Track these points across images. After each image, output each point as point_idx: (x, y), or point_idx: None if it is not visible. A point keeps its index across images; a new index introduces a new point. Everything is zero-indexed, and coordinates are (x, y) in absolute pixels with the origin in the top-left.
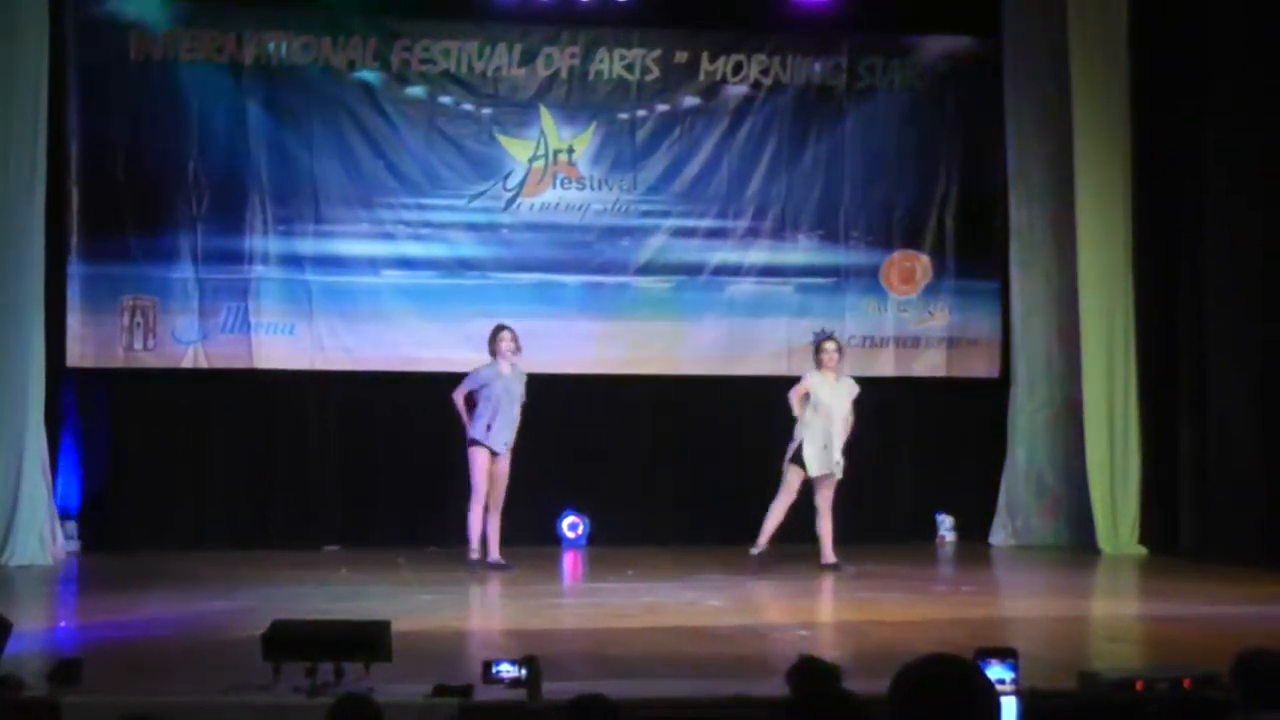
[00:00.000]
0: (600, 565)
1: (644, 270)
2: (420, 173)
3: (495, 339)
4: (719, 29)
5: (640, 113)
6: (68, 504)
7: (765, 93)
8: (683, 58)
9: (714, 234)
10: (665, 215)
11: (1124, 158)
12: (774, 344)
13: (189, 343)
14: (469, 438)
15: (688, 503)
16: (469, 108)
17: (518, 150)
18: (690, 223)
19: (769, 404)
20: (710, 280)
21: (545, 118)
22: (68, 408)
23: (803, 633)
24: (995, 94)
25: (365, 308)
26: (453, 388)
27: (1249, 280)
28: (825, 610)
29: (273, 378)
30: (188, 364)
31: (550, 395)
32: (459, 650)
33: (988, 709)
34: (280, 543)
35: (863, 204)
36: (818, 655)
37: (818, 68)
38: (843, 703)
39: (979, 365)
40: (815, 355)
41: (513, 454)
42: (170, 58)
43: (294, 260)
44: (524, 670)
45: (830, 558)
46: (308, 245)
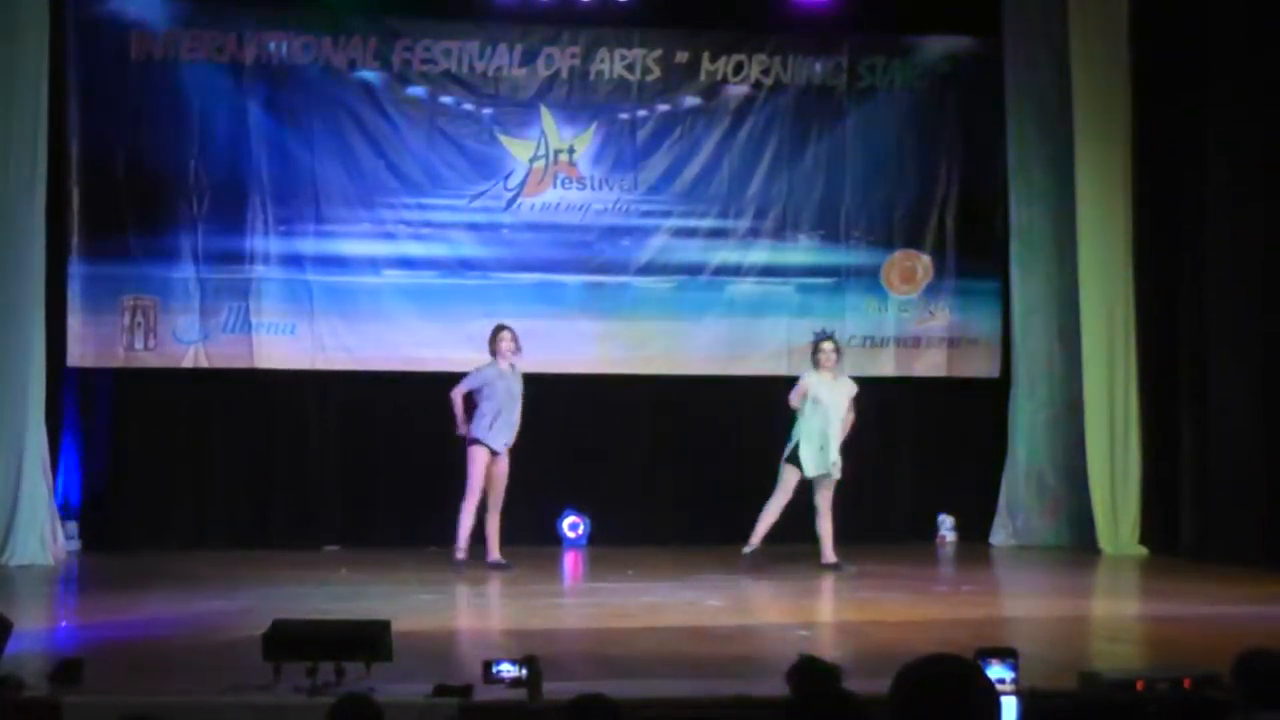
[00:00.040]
0: (600, 565)
1: (645, 270)
2: (421, 172)
3: (495, 339)
4: (720, 29)
5: (641, 113)
6: (68, 504)
7: (766, 93)
8: (683, 58)
9: (715, 234)
10: (666, 215)
11: (1125, 155)
12: (774, 344)
13: (190, 342)
14: (470, 436)
15: (688, 503)
16: (470, 108)
17: (518, 150)
18: (691, 223)
19: (769, 404)
20: (711, 280)
21: (546, 118)
22: (68, 408)
23: (803, 633)
24: (995, 94)
25: (366, 308)
26: (453, 387)
27: (1250, 274)
28: (825, 610)
29: (273, 378)
30: (188, 364)
31: (550, 395)
32: (459, 650)
33: (988, 709)
34: (280, 543)
35: (863, 204)
36: (818, 655)
37: (818, 68)
38: (843, 703)
39: (979, 365)
40: (813, 355)
41: (513, 454)
42: (170, 58)
43: (295, 260)
44: (524, 670)
45: (831, 557)
46: (308, 245)
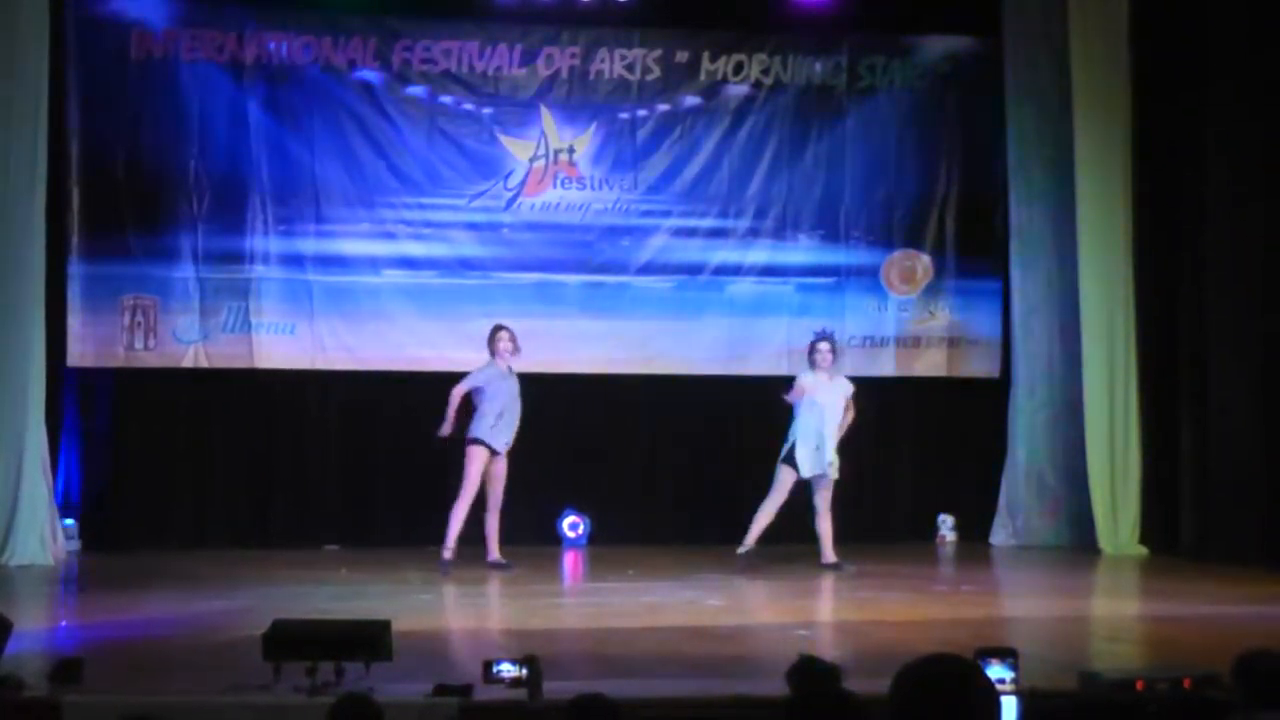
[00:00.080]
0: (600, 565)
1: (644, 270)
2: (421, 172)
3: (494, 339)
4: (719, 29)
5: (641, 112)
6: (68, 504)
7: (766, 92)
8: (683, 57)
9: (714, 234)
10: (666, 215)
11: (1125, 155)
12: (774, 344)
13: (189, 342)
14: (470, 436)
15: (688, 503)
16: (470, 107)
17: (518, 150)
18: (691, 222)
19: (769, 404)
20: (711, 280)
21: (546, 117)
22: (68, 407)
23: (803, 633)
24: (995, 94)
25: (366, 307)
26: (454, 386)
27: (1250, 274)
28: (825, 610)
29: (273, 378)
30: (188, 364)
31: (550, 395)
32: (459, 650)
33: (988, 709)
34: (280, 542)
35: (863, 204)
36: (818, 655)
37: (818, 67)
38: (843, 703)
39: (979, 365)
40: (809, 355)
41: (512, 454)
42: (170, 57)
43: (295, 260)
44: (524, 670)
45: (830, 557)
46: (308, 245)
